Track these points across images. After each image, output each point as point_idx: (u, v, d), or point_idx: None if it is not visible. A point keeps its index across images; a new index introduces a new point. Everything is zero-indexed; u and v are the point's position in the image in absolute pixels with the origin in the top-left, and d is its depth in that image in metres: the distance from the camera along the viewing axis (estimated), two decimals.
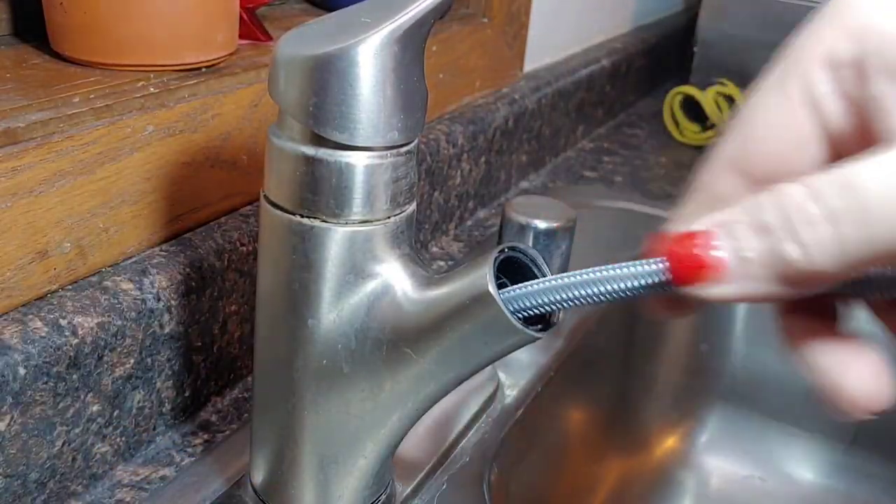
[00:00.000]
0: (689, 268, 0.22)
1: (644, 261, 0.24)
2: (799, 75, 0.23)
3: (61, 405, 0.33)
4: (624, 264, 0.25)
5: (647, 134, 0.93)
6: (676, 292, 0.23)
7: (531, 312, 0.27)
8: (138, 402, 0.37)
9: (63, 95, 0.37)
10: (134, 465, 0.38)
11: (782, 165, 0.24)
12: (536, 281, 0.27)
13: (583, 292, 0.26)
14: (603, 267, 0.26)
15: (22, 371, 0.31)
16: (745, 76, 0.95)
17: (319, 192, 0.28)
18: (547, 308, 0.27)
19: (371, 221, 0.29)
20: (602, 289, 0.25)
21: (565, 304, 0.27)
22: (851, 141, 0.23)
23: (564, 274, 0.27)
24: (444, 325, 0.28)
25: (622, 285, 0.25)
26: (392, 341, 0.29)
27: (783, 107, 0.24)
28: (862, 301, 0.25)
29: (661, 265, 0.24)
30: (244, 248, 0.41)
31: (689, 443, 0.67)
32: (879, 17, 0.22)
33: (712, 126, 0.89)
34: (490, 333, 0.28)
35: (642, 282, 0.24)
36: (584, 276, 0.26)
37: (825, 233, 0.20)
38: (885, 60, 0.21)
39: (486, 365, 0.29)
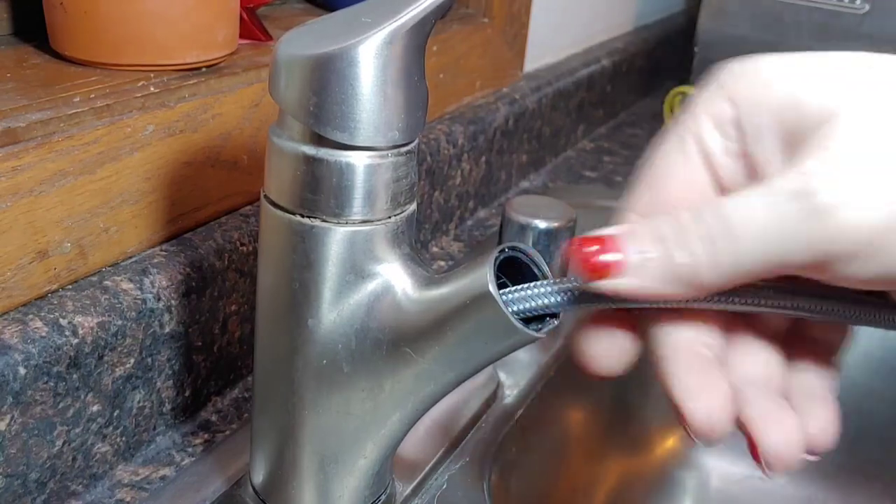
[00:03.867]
0: (595, 265, 0.25)
1: None
2: (694, 133, 0.28)
3: (61, 405, 0.33)
4: None
5: (647, 134, 0.93)
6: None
7: (533, 314, 0.27)
8: (138, 401, 0.37)
9: (63, 95, 0.37)
10: (134, 464, 0.38)
11: None
12: (538, 283, 0.27)
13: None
14: None
15: (22, 371, 0.31)
16: None
17: (320, 191, 0.28)
18: (551, 310, 0.27)
19: (371, 221, 0.29)
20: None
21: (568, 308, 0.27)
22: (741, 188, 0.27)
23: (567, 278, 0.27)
24: (445, 325, 0.28)
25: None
26: (392, 341, 0.29)
27: (684, 163, 0.28)
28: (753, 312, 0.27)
29: None
30: (244, 248, 0.41)
31: (689, 443, 0.67)
32: (746, 87, 0.26)
33: None
34: (490, 333, 0.28)
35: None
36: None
37: (705, 246, 0.24)
38: (753, 122, 0.26)
39: (486, 365, 0.29)
